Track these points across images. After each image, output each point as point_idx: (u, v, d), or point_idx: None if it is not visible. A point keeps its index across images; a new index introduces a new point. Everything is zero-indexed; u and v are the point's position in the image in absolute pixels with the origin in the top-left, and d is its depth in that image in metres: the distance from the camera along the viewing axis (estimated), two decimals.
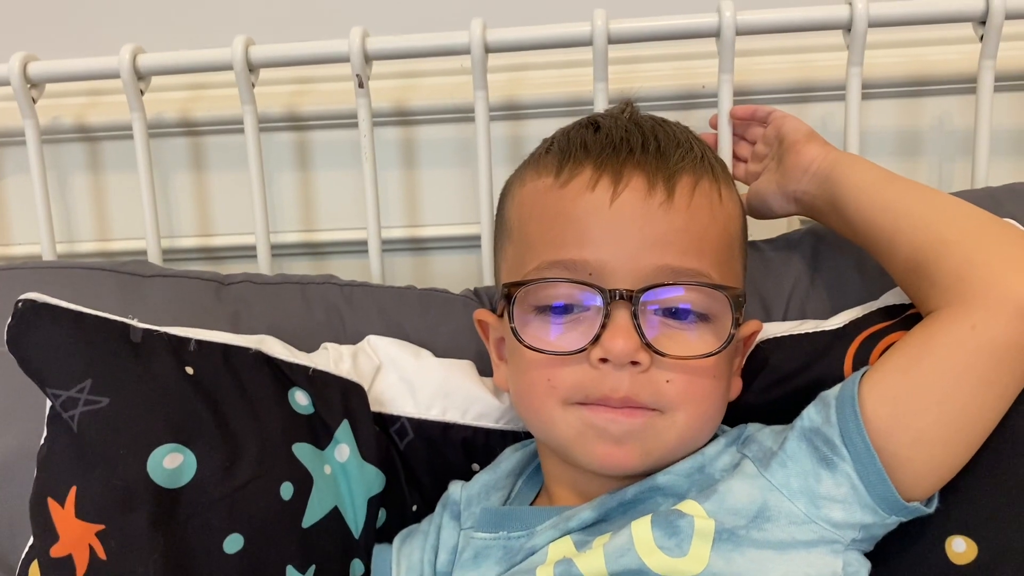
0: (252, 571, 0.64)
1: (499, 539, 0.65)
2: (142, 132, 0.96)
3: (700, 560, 0.57)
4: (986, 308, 0.58)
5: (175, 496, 0.64)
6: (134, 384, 0.66)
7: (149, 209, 0.97)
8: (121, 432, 0.64)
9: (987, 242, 0.61)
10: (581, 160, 0.64)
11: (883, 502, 0.58)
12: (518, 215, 0.67)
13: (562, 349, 0.61)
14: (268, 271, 0.95)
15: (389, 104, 1.02)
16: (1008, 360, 0.58)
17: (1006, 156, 0.98)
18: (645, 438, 0.61)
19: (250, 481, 0.66)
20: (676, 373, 0.61)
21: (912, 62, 0.98)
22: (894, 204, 0.66)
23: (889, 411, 0.59)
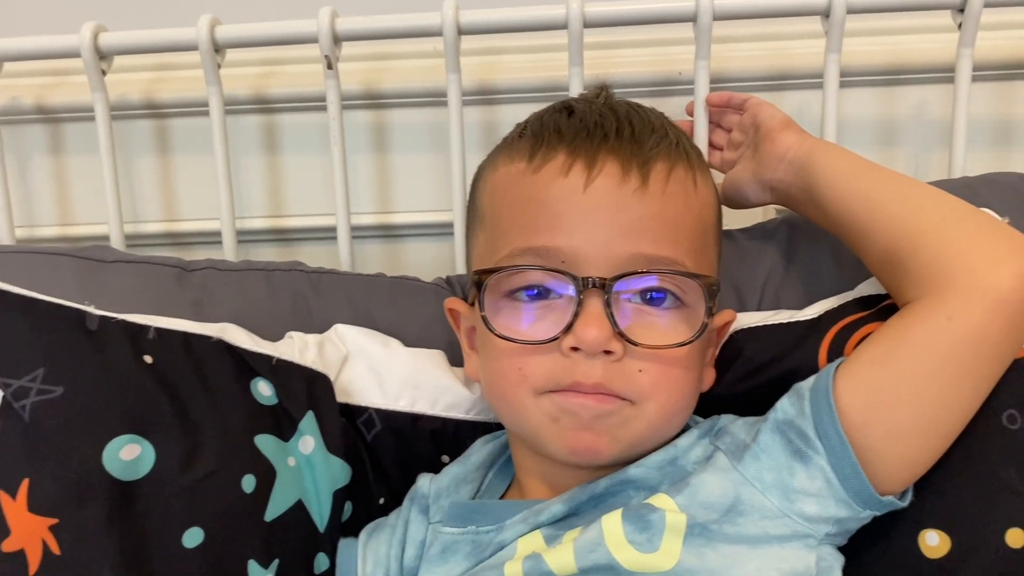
0: (212, 565, 0.62)
1: (467, 534, 0.64)
2: (104, 114, 0.93)
3: (671, 556, 0.56)
4: (963, 299, 0.58)
5: (132, 489, 0.62)
6: (89, 373, 0.64)
7: (112, 193, 0.95)
8: (75, 423, 0.62)
9: (964, 233, 0.60)
10: (554, 145, 0.63)
11: (857, 496, 0.58)
12: (490, 201, 0.66)
13: (534, 338, 0.60)
14: (234, 258, 0.94)
15: (359, 87, 1.00)
16: (984, 352, 0.58)
17: (983, 146, 0.98)
18: (614, 424, 0.60)
19: (210, 473, 0.64)
20: (649, 362, 0.60)
21: (890, 50, 0.97)
22: (871, 193, 0.65)
23: (864, 404, 0.58)
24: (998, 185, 0.76)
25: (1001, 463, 0.61)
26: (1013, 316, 0.57)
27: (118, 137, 0.98)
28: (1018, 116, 0.98)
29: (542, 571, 0.57)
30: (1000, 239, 0.60)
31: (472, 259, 0.69)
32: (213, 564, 0.62)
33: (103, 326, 0.67)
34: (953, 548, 0.61)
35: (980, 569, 0.60)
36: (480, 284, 0.62)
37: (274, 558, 0.65)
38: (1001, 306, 0.57)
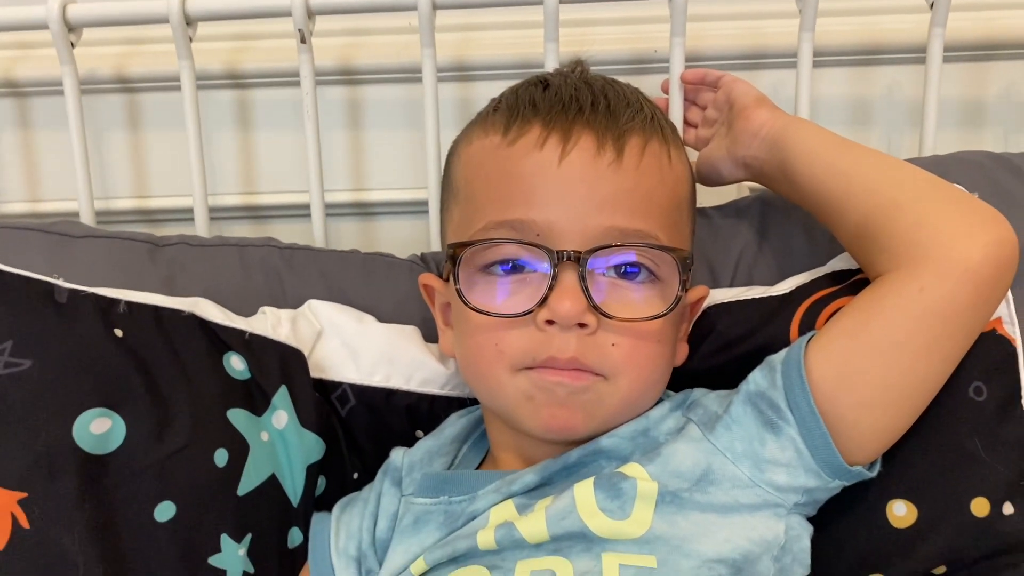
0: (184, 540, 0.62)
1: (440, 504, 0.64)
2: (73, 88, 0.92)
3: (642, 523, 0.57)
4: (935, 271, 0.58)
5: (103, 462, 0.61)
6: (58, 346, 0.63)
7: (81, 169, 0.93)
8: (45, 396, 0.62)
9: (937, 206, 0.61)
10: (529, 118, 0.62)
11: (827, 466, 0.58)
12: (464, 174, 0.66)
13: (508, 311, 0.60)
14: (206, 234, 0.93)
15: (334, 62, 1.00)
16: (954, 323, 0.59)
17: (954, 126, 0.99)
18: (589, 401, 0.60)
19: (182, 448, 0.64)
20: (622, 336, 0.60)
21: (864, 31, 0.98)
22: (845, 168, 0.66)
23: (835, 374, 0.59)
24: (966, 163, 0.76)
25: (967, 434, 0.62)
26: (982, 287, 0.58)
27: (88, 112, 0.97)
28: (988, 96, 0.99)
29: (514, 539, 0.57)
30: (972, 212, 0.61)
31: (447, 234, 0.69)
32: (185, 538, 0.62)
33: (72, 299, 0.66)
34: (920, 517, 0.62)
35: (946, 538, 0.61)
36: (455, 258, 0.62)
37: (247, 532, 0.65)
38: (971, 277, 0.58)
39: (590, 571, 0.55)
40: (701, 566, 0.56)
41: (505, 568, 0.57)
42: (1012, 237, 0.59)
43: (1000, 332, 0.64)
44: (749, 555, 0.57)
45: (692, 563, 0.56)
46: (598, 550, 0.56)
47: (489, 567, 0.58)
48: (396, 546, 0.64)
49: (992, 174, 0.75)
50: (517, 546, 0.57)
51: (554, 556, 0.57)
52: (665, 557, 0.56)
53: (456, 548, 0.59)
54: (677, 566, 0.55)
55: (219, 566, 0.63)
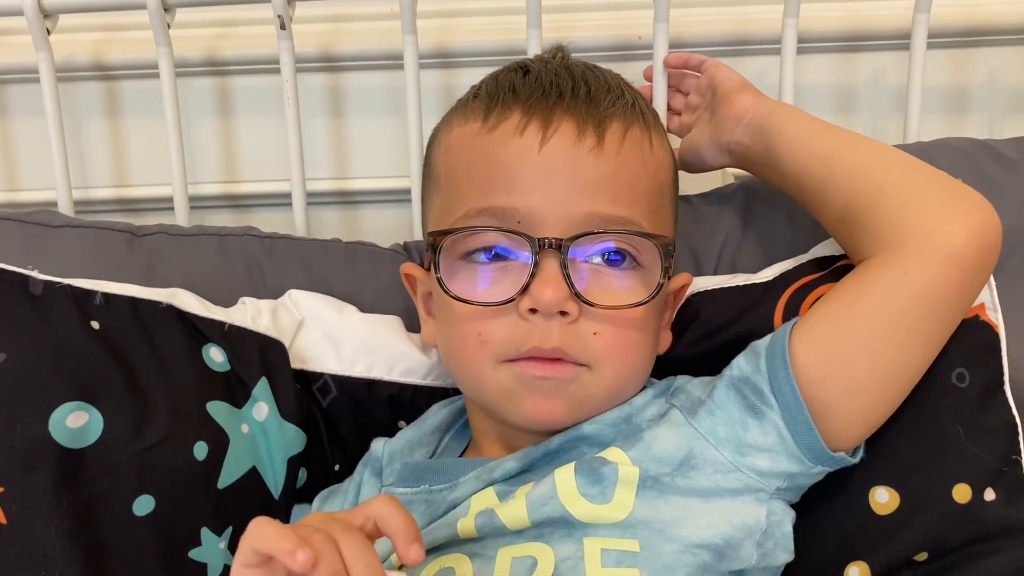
0: (164, 533, 0.62)
1: (421, 493, 0.64)
2: (49, 75, 0.91)
3: (624, 507, 0.56)
4: (919, 254, 0.58)
5: (80, 456, 0.61)
6: (33, 339, 0.63)
7: (59, 157, 0.92)
8: (20, 389, 0.61)
9: (922, 190, 0.61)
10: (509, 104, 0.62)
11: (809, 452, 0.58)
12: (445, 162, 0.65)
13: (490, 300, 0.59)
14: (186, 224, 0.91)
15: (314, 49, 0.98)
16: (939, 306, 0.59)
17: (938, 113, 0.99)
18: (572, 391, 0.60)
19: (161, 440, 0.63)
20: (604, 324, 0.60)
21: (848, 16, 0.97)
22: (830, 152, 0.66)
23: (820, 359, 0.59)
24: (951, 150, 0.76)
25: (950, 421, 0.62)
26: (966, 271, 0.58)
27: (65, 99, 0.96)
28: (972, 83, 0.99)
29: (495, 526, 0.57)
30: (956, 196, 0.61)
31: (427, 222, 0.68)
32: (165, 531, 0.62)
33: (47, 291, 0.65)
34: (902, 504, 0.62)
35: (927, 524, 0.61)
36: (435, 246, 0.61)
37: (227, 525, 0.64)
38: (955, 261, 0.58)
39: (572, 556, 0.55)
40: (684, 551, 0.55)
41: (486, 556, 0.57)
42: (995, 221, 0.59)
43: (983, 318, 0.64)
44: (731, 540, 0.57)
45: (674, 547, 0.55)
46: (580, 535, 0.56)
47: (470, 555, 0.57)
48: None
49: (976, 161, 0.75)
50: (498, 533, 0.57)
51: (535, 542, 0.56)
52: (647, 541, 0.55)
53: (436, 537, 0.59)
54: (659, 550, 0.55)
55: (199, 559, 0.63)
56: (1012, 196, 0.73)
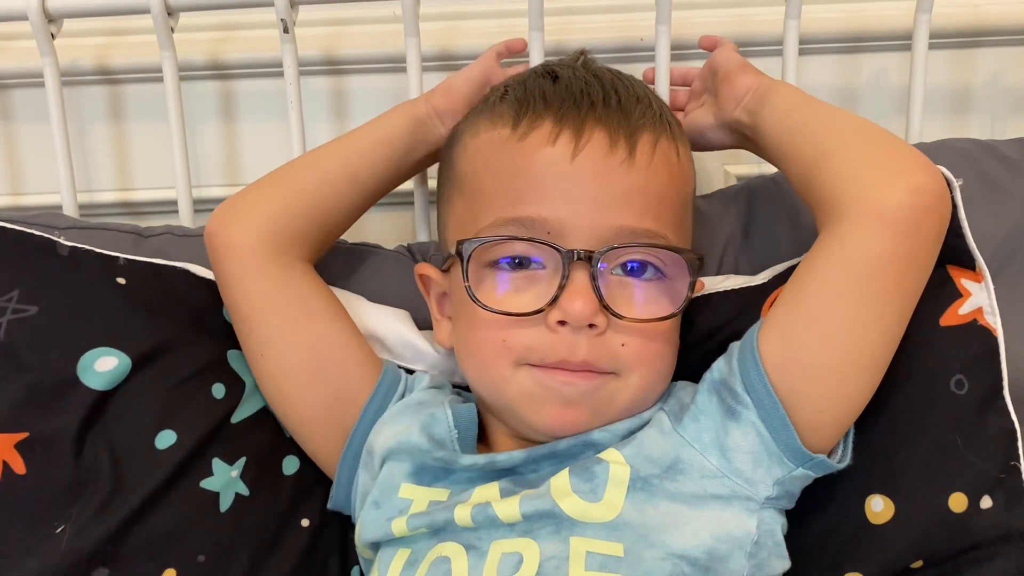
0: (181, 464, 0.65)
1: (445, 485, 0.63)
2: (54, 79, 0.91)
3: (614, 507, 0.57)
4: (853, 221, 0.58)
5: (107, 397, 0.65)
6: (63, 292, 0.67)
7: (63, 162, 0.92)
8: (51, 338, 0.65)
9: (859, 154, 0.60)
10: (540, 112, 0.62)
11: (787, 449, 0.58)
12: (471, 167, 0.65)
13: (518, 310, 0.60)
14: (191, 227, 0.92)
15: (317, 52, 0.99)
16: (878, 274, 0.57)
17: (940, 113, 0.99)
18: (596, 399, 0.60)
19: (183, 380, 0.67)
20: (631, 336, 0.60)
21: (849, 17, 0.97)
22: (797, 124, 0.66)
23: (780, 346, 0.59)
24: (953, 151, 0.76)
25: (947, 428, 0.62)
26: (903, 235, 0.57)
27: (69, 104, 0.96)
28: (974, 83, 0.99)
29: (488, 516, 0.58)
30: (893, 159, 0.60)
31: (447, 225, 0.68)
32: (182, 462, 0.65)
33: (74, 253, 0.70)
34: (897, 513, 0.62)
35: (923, 533, 0.61)
36: (462, 253, 0.61)
37: (240, 456, 0.67)
38: (888, 225, 0.57)
39: (556, 555, 0.55)
40: (665, 558, 0.56)
41: (481, 549, 0.57)
42: (933, 184, 0.58)
43: (981, 323, 0.64)
44: (715, 553, 0.56)
45: (656, 553, 0.56)
46: (566, 533, 0.56)
47: (466, 546, 0.58)
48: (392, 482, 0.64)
49: (979, 162, 0.75)
50: (492, 524, 0.58)
51: (524, 537, 0.57)
52: (631, 546, 0.56)
53: (435, 519, 0.59)
54: (642, 556, 0.56)
55: (211, 489, 0.65)
56: (1015, 197, 0.73)
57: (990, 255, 0.66)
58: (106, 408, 0.65)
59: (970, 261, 0.65)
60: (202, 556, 0.63)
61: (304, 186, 0.72)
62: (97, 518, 0.62)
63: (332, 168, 0.73)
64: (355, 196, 0.74)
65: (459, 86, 0.75)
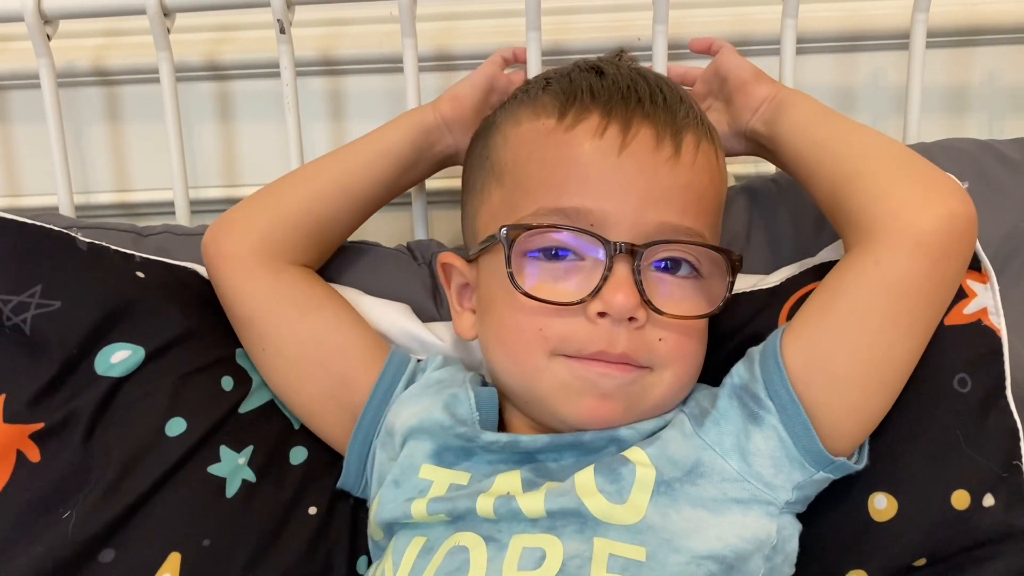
0: (190, 450, 0.66)
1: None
2: (50, 80, 0.90)
3: (638, 510, 0.57)
4: (887, 243, 0.58)
5: (119, 385, 0.67)
6: (86, 287, 0.69)
7: (60, 163, 0.92)
8: (73, 332, 0.67)
9: (892, 177, 0.61)
10: (587, 104, 0.62)
11: (809, 454, 0.58)
12: (513, 156, 0.65)
13: (559, 299, 0.59)
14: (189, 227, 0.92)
15: (314, 53, 0.98)
16: (912, 295, 0.59)
17: (938, 112, 0.99)
18: (631, 393, 0.60)
19: (194, 371, 0.69)
20: (669, 332, 0.60)
21: (847, 16, 0.97)
22: (821, 139, 0.66)
23: (805, 357, 0.59)
24: (954, 151, 0.76)
25: (950, 427, 0.62)
26: (935, 259, 0.58)
27: (66, 105, 0.96)
28: (972, 82, 0.99)
29: (511, 509, 0.57)
30: (927, 183, 0.60)
31: (479, 216, 0.67)
32: (191, 449, 0.66)
33: (92, 249, 0.72)
34: (900, 510, 0.62)
35: (925, 530, 0.61)
36: (504, 240, 0.61)
37: (247, 445, 0.68)
38: (923, 249, 0.58)
39: (580, 555, 0.55)
40: (690, 562, 0.55)
41: (501, 541, 0.57)
42: (967, 209, 0.59)
43: (986, 323, 0.64)
44: (741, 553, 0.57)
45: (681, 558, 0.55)
46: (590, 533, 0.56)
47: (486, 538, 0.57)
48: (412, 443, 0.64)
49: (979, 162, 0.75)
50: (514, 518, 0.57)
51: (547, 534, 0.57)
52: (654, 550, 0.55)
53: (456, 506, 0.59)
54: (665, 560, 0.55)
55: (218, 475, 0.66)
56: (1014, 197, 0.73)
57: (990, 255, 0.66)
58: (118, 396, 0.66)
59: (975, 262, 0.65)
60: (207, 540, 0.64)
61: (295, 202, 0.72)
62: (104, 501, 0.62)
63: (324, 184, 0.73)
64: (350, 210, 0.74)
65: (466, 94, 0.76)
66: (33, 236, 0.71)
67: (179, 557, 0.63)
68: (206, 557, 0.63)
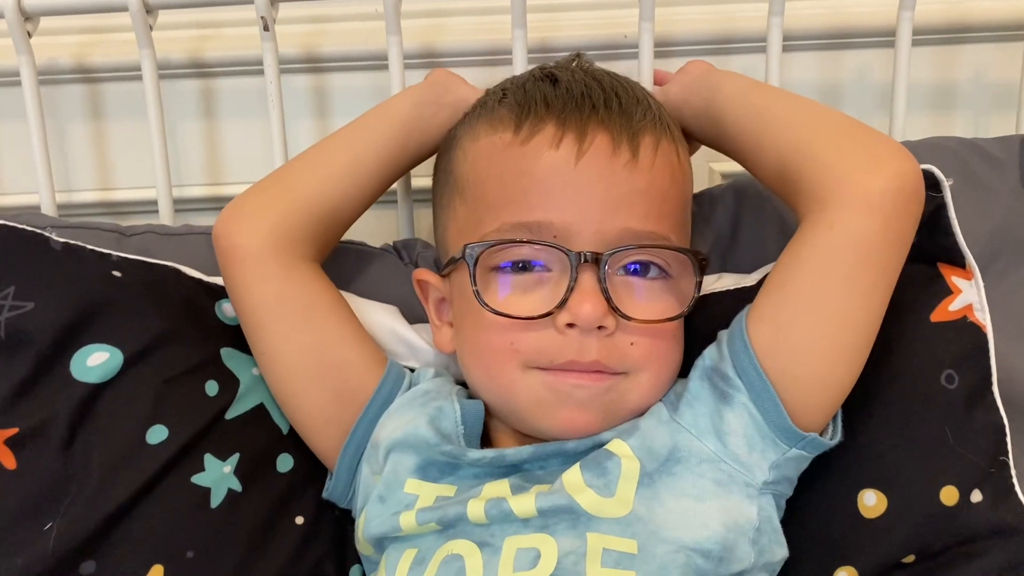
0: (172, 459, 0.65)
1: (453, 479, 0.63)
2: (31, 77, 0.90)
3: (625, 504, 0.57)
4: (839, 206, 0.58)
5: (99, 390, 0.65)
6: (59, 287, 0.67)
7: (41, 161, 0.91)
8: (47, 334, 0.65)
9: (841, 142, 0.61)
10: (542, 116, 0.62)
11: (779, 430, 0.59)
12: (473, 172, 0.65)
13: (526, 313, 0.60)
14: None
15: (298, 50, 0.98)
16: (866, 257, 0.59)
17: (924, 110, 0.99)
18: (607, 401, 0.60)
19: (176, 377, 0.67)
20: (640, 336, 0.60)
21: (833, 14, 0.97)
22: (762, 107, 0.66)
23: (769, 329, 0.60)
24: (939, 149, 0.76)
25: (938, 423, 0.62)
26: (888, 219, 0.58)
27: (47, 102, 0.95)
28: (958, 80, 0.99)
29: (502, 510, 0.57)
30: (872, 145, 0.61)
31: (447, 231, 0.68)
32: (173, 458, 0.65)
33: (67, 248, 0.70)
34: (889, 507, 0.62)
35: (914, 527, 0.61)
36: (469, 258, 0.61)
37: (233, 453, 0.67)
38: (875, 210, 0.58)
39: (574, 551, 0.55)
40: (678, 551, 0.56)
41: (494, 545, 0.57)
42: (914, 167, 0.59)
43: (971, 319, 0.65)
44: (726, 542, 0.57)
45: (668, 548, 0.56)
46: (583, 528, 0.56)
47: (479, 543, 0.57)
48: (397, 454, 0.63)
49: (964, 160, 0.75)
50: (506, 520, 0.57)
51: (540, 533, 0.57)
52: (644, 542, 0.56)
53: (446, 514, 0.59)
54: (654, 552, 0.56)
55: (203, 484, 0.65)
56: (999, 195, 0.73)
57: (975, 253, 0.66)
58: (97, 403, 0.65)
59: (960, 259, 0.66)
60: (191, 552, 0.63)
61: (308, 188, 0.71)
62: (85, 512, 0.61)
63: (334, 165, 0.72)
64: (360, 188, 0.73)
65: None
66: (5, 237, 0.69)
67: (162, 570, 0.62)
68: (190, 569, 0.63)
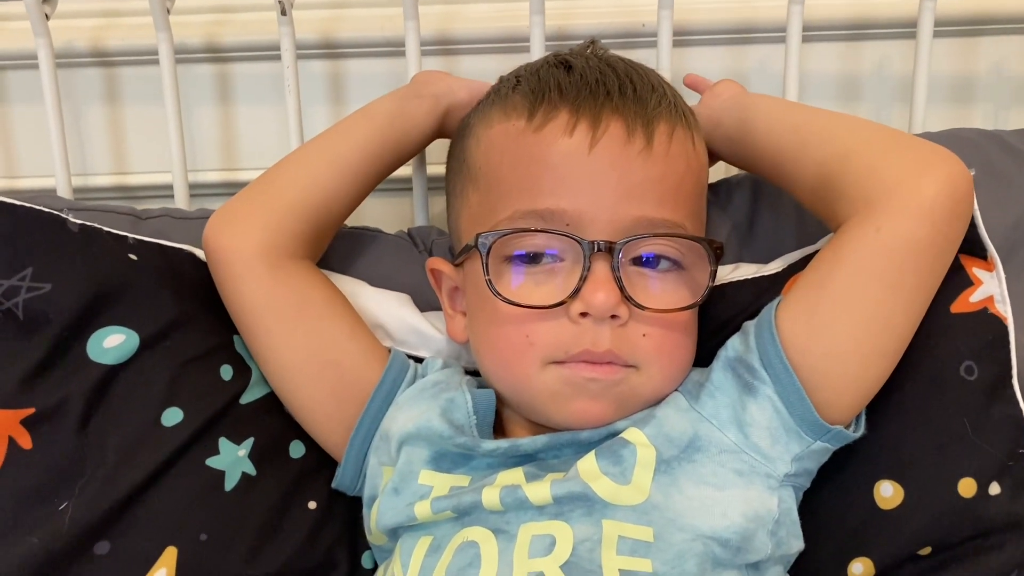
0: (187, 442, 0.65)
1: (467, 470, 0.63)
2: (48, 61, 0.90)
3: (641, 491, 0.57)
4: (889, 210, 0.58)
5: (114, 373, 0.65)
6: (77, 269, 0.67)
7: (58, 144, 0.91)
8: (64, 315, 0.65)
9: (890, 148, 0.61)
10: (556, 103, 0.62)
11: (804, 423, 0.58)
12: (486, 159, 0.64)
13: (540, 303, 0.59)
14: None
15: (315, 35, 0.97)
16: (912, 261, 0.59)
17: (944, 102, 0.98)
18: (621, 392, 0.60)
19: (191, 360, 0.68)
20: (653, 327, 0.60)
21: (854, 4, 0.96)
22: (800, 123, 0.66)
23: (803, 326, 0.59)
24: (959, 140, 0.75)
25: (956, 414, 0.62)
26: (937, 223, 0.58)
27: (64, 86, 0.95)
28: (978, 71, 0.99)
29: (518, 498, 0.57)
30: (922, 152, 0.61)
31: (459, 217, 0.68)
32: (188, 440, 0.65)
33: (84, 230, 0.70)
34: (906, 498, 0.62)
35: (931, 519, 0.61)
36: (482, 247, 0.60)
37: (247, 437, 0.67)
38: (925, 214, 0.58)
39: (590, 538, 0.55)
40: (695, 539, 0.56)
41: (510, 532, 0.57)
42: (964, 172, 0.59)
43: (992, 311, 0.64)
44: (745, 532, 0.57)
45: (685, 536, 0.56)
46: (599, 516, 0.56)
47: (494, 530, 0.57)
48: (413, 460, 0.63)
49: (985, 152, 0.74)
50: (521, 507, 0.57)
51: (556, 520, 0.57)
52: (661, 530, 0.56)
53: (462, 501, 0.59)
54: (671, 540, 0.56)
55: (217, 467, 0.65)
56: (1020, 187, 0.72)
57: (996, 245, 0.66)
58: (113, 385, 0.65)
59: (982, 251, 0.65)
60: (204, 534, 0.63)
61: (294, 189, 0.71)
62: (100, 493, 0.62)
63: (320, 164, 0.72)
64: (348, 185, 0.73)
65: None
66: (23, 218, 0.69)
67: (175, 551, 0.62)
68: (203, 551, 0.63)
